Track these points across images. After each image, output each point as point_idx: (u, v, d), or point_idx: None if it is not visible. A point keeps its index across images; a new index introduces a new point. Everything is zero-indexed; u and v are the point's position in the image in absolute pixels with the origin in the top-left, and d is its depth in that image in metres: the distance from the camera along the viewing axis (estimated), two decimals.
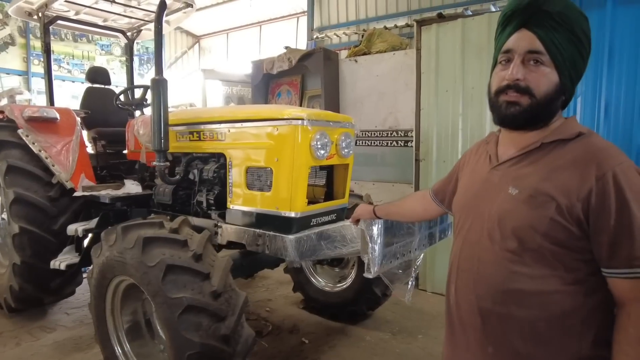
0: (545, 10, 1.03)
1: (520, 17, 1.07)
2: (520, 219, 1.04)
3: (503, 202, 1.09)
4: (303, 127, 2.36)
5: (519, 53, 1.06)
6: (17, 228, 3.14)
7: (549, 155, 1.07)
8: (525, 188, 1.06)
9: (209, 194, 2.90)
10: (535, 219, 1.02)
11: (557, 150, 1.07)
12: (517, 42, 1.07)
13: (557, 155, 1.06)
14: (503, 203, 1.09)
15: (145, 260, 2.00)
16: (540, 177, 1.05)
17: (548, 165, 1.06)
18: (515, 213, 1.06)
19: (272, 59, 5.39)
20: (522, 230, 1.04)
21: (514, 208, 1.07)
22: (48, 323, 3.50)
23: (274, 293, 4.21)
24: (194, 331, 1.88)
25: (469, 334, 1.16)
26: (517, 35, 1.07)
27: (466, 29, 3.84)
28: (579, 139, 1.06)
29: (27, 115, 3.37)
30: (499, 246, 1.08)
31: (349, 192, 2.87)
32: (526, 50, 1.05)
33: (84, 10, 4.08)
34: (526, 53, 1.05)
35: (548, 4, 1.04)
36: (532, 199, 1.03)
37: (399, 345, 3.19)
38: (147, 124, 3.35)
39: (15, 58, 8.19)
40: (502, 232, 1.08)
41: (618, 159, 0.99)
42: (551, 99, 1.06)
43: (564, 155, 1.04)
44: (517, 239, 1.05)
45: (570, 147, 1.05)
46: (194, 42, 11.43)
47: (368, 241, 1.83)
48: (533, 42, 1.04)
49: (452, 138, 3.98)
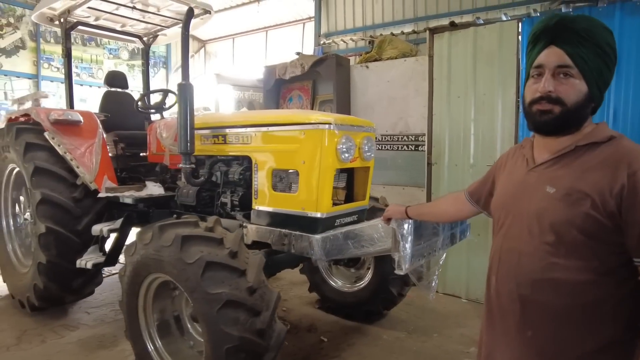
0: (571, 27, 1.16)
1: (549, 35, 1.19)
2: (558, 215, 1.15)
3: (541, 201, 1.20)
4: (330, 131, 2.46)
5: (549, 68, 1.17)
6: (44, 228, 3.21)
7: (583, 157, 1.18)
8: (561, 187, 1.16)
9: (234, 195, 3.00)
10: (571, 214, 1.12)
11: (589, 152, 1.17)
12: (547, 57, 1.18)
13: (590, 157, 1.16)
14: (541, 201, 1.20)
15: (184, 258, 2.08)
16: (575, 177, 1.15)
17: (582, 165, 1.16)
18: (553, 210, 1.16)
19: (284, 65, 5.50)
20: (560, 225, 1.14)
21: (551, 205, 1.17)
22: (70, 322, 3.57)
23: (289, 293, 4.30)
24: (233, 325, 1.97)
25: (508, 320, 1.26)
26: (547, 52, 1.19)
27: (478, 37, 3.96)
28: (610, 142, 1.16)
29: (53, 118, 3.46)
30: (538, 240, 1.19)
31: (369, 194, 2.97)
32: (556, 65, 1.17)
33: (104, 16, 4.18)
34: (556, 67, 1.17)
35: (574, 23, 1.16)
36: (567, 197, 1.14)
37: (415, 343, 3.28)
38: (169, 127, 3.45)
39: (25, 61, 8.25)
40: (540, 227, 1.19)
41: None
42: (581, 107, 1.17)
43: (597, 157, 1.15)
44: (554, 233, 1.15)
45: (602, 149, 1.16)
46: (199, 46, 11.53)
47: (399, 239, 1.93)
48: (562, 57, 1.16)
49: (464, 143, 4.08)
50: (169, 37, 4.83)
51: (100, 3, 3.71)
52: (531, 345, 1.20)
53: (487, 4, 6.32)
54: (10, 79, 8.09)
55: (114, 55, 9.71)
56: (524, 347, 1.22)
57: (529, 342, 1.21)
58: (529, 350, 1.21)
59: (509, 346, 1.26)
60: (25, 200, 3.88)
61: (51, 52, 8.54)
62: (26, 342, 3.19)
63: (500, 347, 1.30)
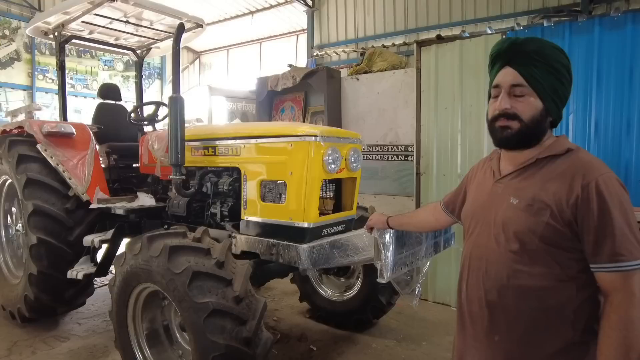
0: (522, 50, 1.26)
1: (503, 58, 1.29)
2: (521, 224, 1.23)
3: (506, 210, 1.28)
4: (316, 143, 2.53)
5: (504, 87, 1.27)
6: (35, 239, 3.24)
7: (543, 169, 1.26)
8: (524, 198, 1.24)
9: (223, 206, 3.04)
10: (533, 223, 1.20)
11: (549, 164, 1.26)
12: (503, 78, 1.28)
13: (550, 169, 1.24)
14: (506, 211, 1.28)
15: (172, 268, 2.12)
16: (537, 188, 1.23)
17: (542, 177, 1.24)
18: (517, 219, 1.24)
19: (276, 77, 5.59)
20: (523, 233, 1.22)
21: (515, 215, 1.25)
22: (61, 332, 3.58)
23: (280, 303, 4.32)
24: (219, 334, 2.01)
25: (477, 325, 1.33)
26: (503, 72, 1.29)
27: (464, 50, 4.06)
28: (568, 154, 1.25)
29: (45, 130, 3.50)
30: (503, 248, 1.27)
31: (356, 204, 3.03)
32: (510, 84, 1.26)
33: (98, 30, 4.25)
34: (511, 86, 1.26)
35: (524, 45, 1.26)
36: (529, 207, 1.22)
37: (404, 352, 3.31)
38: (161, 139, 3.50)
39: (20, 73, 8.33)
40: (506, 236, 1.26)
41: (600, 171, 1.17)
42: (538, 122, 1.26)
43: (556, 169, 1.23)
44: (518, 242, 1.23)
45: (560, 162, 1.24)
46: (194, 57, 11.67)
47: (381, 249, 1.98)
48: (515, 77, 1.25)
49: (452, 153, 4.16)
50: (162, 49, 4.90)
51: (94, 17, 3.78)
52: (499, 349, 1.27)
53: (476, 16, 6.48)
54: (4, 91, 8.16)
55: (109, 66, 9.80)
56: (492, 351, 1.28)
57: (496, 345, 1.27)
58: (496, 353, 1.27)
59: (478, 350, 1.33)
60: (17, 212, 3.91)
61: (46, 63, 8.63)
62: (16, 353, 3.20)
63: (471, 351, 1.36)
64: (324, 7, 8.25)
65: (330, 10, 8.17)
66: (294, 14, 8.86)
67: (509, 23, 5.94)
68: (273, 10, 8.98)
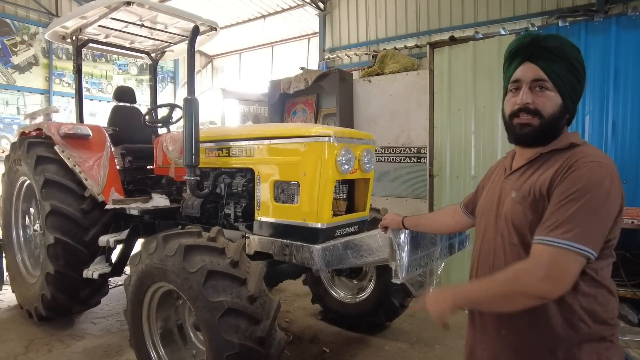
0: (544, 46, 1.25)
1: (524, 53, 1.28)
2: (519, 217, 1.24)
3: (507, 204, 1.29)
4: (330, 143, 2.53)
5: (526, 82, 1.26)
6: (52, 239, 3.29)
7: (545, 164, 1.26)
8: (521, 191, 1.26)
9: (237, 206, 3.06)
10: (529, 216, 1.21)
11: (551, 158, 1.25)
12: (524, 72, 1.27)
13: (550, 163, 1.24)
14: (507, 205, 1.29)
15: (187, 267, 2.14)
16: (533, 180, 1.24)
17: (542, 171, 1.24)
18: (515, 212, 1.25)
19: (289, 79, 5.62)
20: (521, 226, 1.23)
21: (514, 208, 1.26)
22: (77, 331, 3.63)
23: (292, 305, 4.32)
24: (233, 333, 2.01)
25: (486, 319, 1.34)
26: (523, 67, 1.27)
27: (477, 52, 4.04)
28: (571, 148, 1.23)
29: (63, 132, 3.57)
30: (507, 242, 1.28)
31: (369, 205, 3.02)
32: (532, 78, 1.25)
33: (114, 34, 4.32)
34: (532, 81, 1.25)
35: (546, 41, 1.25)
36: (525, 199, 1.23)
37: (417, 354, 3.28)
38: (175, 140, 3.54)
39: (37, 77, 8.50)
40: (508, 230, 1.27)
41: (595, 158, 1.15)
42: (557, 118, 1.25)
43: (556, 162, 1.22)
44: (517, 235, 1.24)
45: (561, 155, 1.23)
46: (207, 61, 11.78)
47: (396, 249, 1.96)
48: (537, 72, 1.24)
49: (465, 155, 4.13)
50: (176, 53, 4.96)
51: (110, 21, 3.85)
52: (506, 343, 1.27)
53: (489, 17, 6.44)
54: (23, 95, 8.33)
55: (123, 70, 9.95)
56: (499, 345, 1.29)
57: (503, 339, 1.27)
58: (504, 347, 1.28)
59: (487, 344, 1.34)
60: (35, 212, 3.98)
61: (62, 68, 8.79)
62: (33, 351, 3.25)
63: (481, 345, 1.37)
64: (335, 10, 8.27)
65: (341, 13, 8.19)
66: (306, 17, 8.89)
67: (522, 24, 5.88)
68: (285, 14, 9.02)
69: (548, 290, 1.08)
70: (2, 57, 8.01)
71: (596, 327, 1.17)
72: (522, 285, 1.09)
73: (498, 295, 1.15)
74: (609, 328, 1.19)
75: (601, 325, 1.18)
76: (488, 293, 1.17)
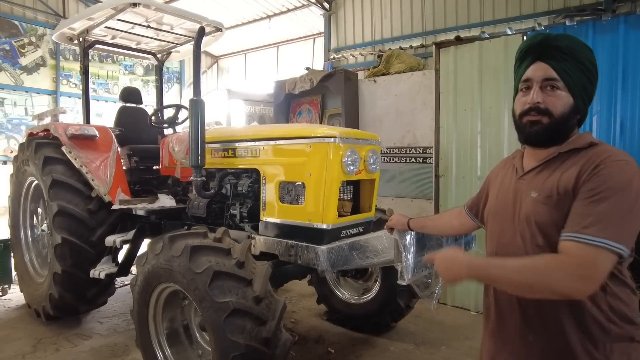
0: (555, 45, 1.23)
1: (535, 52, 1.27)
2: (543, 217, 1.20)
3: (528, 205, 1.26)
4: (335, 144, 2.53)
5: (537, 81, 1.25)
6: (60, 239, 3.32)
7: (565, 163, 1.23)
8: (543, 190, 1.23)
9: (242, 207, 3.07)
10: (555, 216, 1.18)
11: (571, 157, 1.23)
12: (534, 72, 1.26)
13: (571, 162, 1.22)
14: (528, 206, 1.26)
15: (193, 267, 2.15)
16: (555, 179, 1.21)
17: (562, 169, 1.22)
18: (539, 213, 1.22)
19: (294, 80, 5.62)
20: (546, 226, 1.20)
21: (536, 208, 1.23)
22: (84, 331, 3.65)
23: (297, 305, 4.32)
24: (239, 334, 2.02)
25: (509, 327, 1.29)
26: (534, 67, 1.26)
27: (483, 51, 4.01)
28: (591, 147, 1.22)
29: (70, 133, 3.60)
30: (529, 243, 1.24)
31: (375, 205, 3.02)
32: (543, 78, 1.24)
33: (120, 35, 4.35)
34: (543, 80, 1.24)
35: (557, 41, 1.24)
36: (549, 199, 1.20)
37: (423, 355, 3.27)
38: (181, 141, 3.55)
39: (45, 78, 8.58)
40: (531, 231, 1.24)
41: (618, 156, 1.13)
42: (567, 118, 1.24)
43: (576, 161, 1.20)
44: (543, 236, 1.20)
45: (581, 154, 1.21)
46: (212, 62, 11.81)
47: (402, 250, 1.95)
48: (548, 71, 1.23)
49: (471, 155, 4.11)
50: (182, 53, 4.98)
51: (117, 23, 3.87)
52: (534, 349, 1.23)
53: (495, 17, 6.39)
54: (31, 95, 8.41)
55: (129, 71, 10.01)
56: (527, 352, 1.25)
57: (531, 345, 1.24)
58: (531, 353, 1.24)
59: (511, 353, 1.30)
60: (43, 212, 4.02)
61: (70, 69, 8.86)
62: (41, 350, 3.28)
63: (503, 354, 1.32)
64: (340, 10, 8.26)
65: (347, 14, 8.17)
66: (311, 17, 8.89)
67: (528, 24, 5.84)
68: (290, 14, 9.03)
69: (578, 290, 1.06)
70: (10, 58, 8.09)
71: (625, 327, 1.15)
72: (553, 281, 1.05)
73: (522, 282, 1.10)
74: (636, 328, 1.17)
75: (630, 325, 1.16)
76: (512, 278, 1.11)
